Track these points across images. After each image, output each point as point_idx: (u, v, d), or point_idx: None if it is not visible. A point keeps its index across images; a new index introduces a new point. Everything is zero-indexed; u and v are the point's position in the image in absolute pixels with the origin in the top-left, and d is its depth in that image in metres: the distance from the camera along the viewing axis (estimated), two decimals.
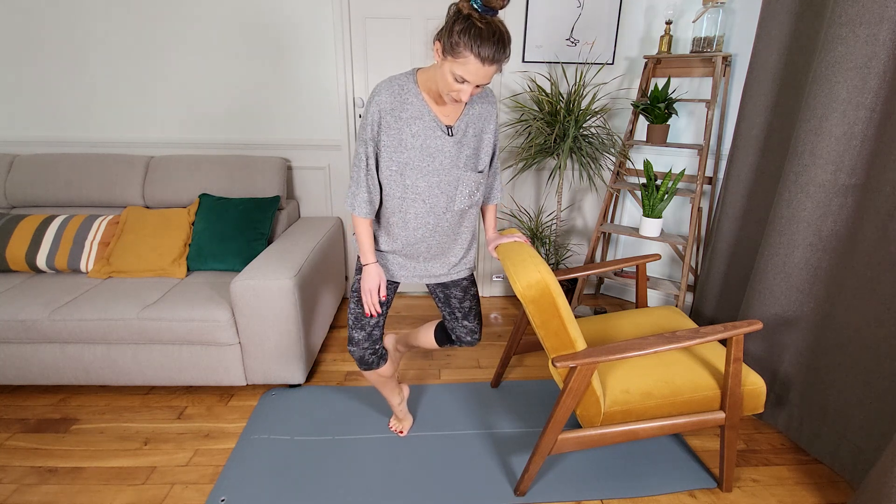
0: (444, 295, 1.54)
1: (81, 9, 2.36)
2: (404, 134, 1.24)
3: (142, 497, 1.52)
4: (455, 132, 1.28)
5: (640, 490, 1.56)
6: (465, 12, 1.05)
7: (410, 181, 1.28)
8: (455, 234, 1.42)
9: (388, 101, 1.22)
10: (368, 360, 1.52)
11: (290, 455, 1.68)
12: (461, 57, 1.06)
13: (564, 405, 1.37)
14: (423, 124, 1.24)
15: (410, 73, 1.26)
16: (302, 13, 2.41)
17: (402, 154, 1.26)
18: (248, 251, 2.18)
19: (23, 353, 1.88)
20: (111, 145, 2.58)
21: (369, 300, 1.37)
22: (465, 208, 1.38)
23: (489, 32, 1.04)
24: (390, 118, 1.23)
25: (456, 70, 1.09)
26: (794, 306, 1.69)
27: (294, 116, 2.59)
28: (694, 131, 2.53)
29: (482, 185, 1.39)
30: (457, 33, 1.05)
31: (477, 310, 1.57)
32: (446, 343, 1.66)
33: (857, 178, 1.49)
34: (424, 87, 1.24)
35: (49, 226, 2.15)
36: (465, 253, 1.48)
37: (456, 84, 1.11)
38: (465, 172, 1.32)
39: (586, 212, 2.91)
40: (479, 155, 1.36)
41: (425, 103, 1.24)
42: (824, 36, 1.51)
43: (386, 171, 1.28)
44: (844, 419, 1.57)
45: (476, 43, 1.04)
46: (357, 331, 1.48)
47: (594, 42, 2.56)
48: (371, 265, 1.37)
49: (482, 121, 1.33)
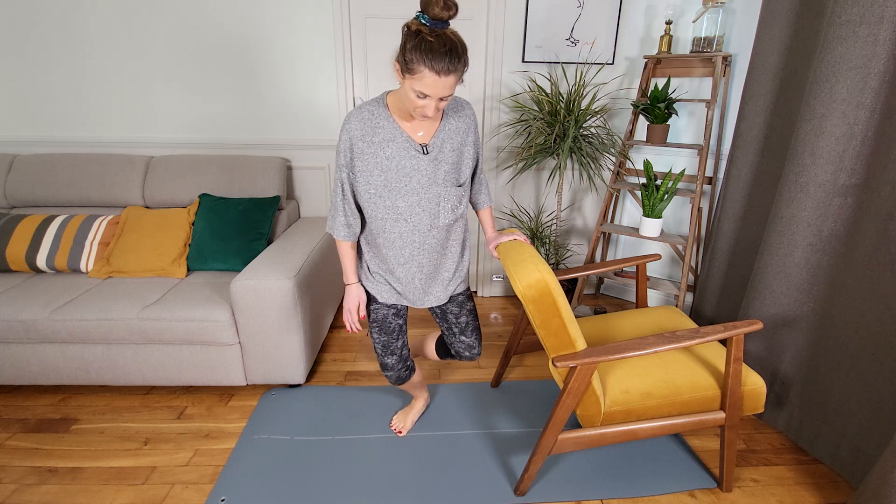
0: (441, 310, 1.54)
1: (82, 9, 2.36)
2: (379, 157, 1.25)
3: (142, 497, 1.52)
4: (430, 149, 1.28)
5: (640, 490, 1.56)
6: (415, 28, 1.07)
7: (390, 202, 1.29)
8: (444, 248, 1.42)
9: (359, 127, 1.24)
10: (404, 376, 1.59)
11: (290, 455, 1.68)
12: (417, 73, 1.08)
13: (564, 405, 1.37)
14: (396, 146, 1.25)
15: (380, 98, 1.27)
16: (302, 13, 2.41)
17: (379, 177, 1.27)
18: (248, 251, 2.18)
19: (23, 353, 1.88)
20: (111, 145, 2.58)
21: (349, 318, 1.43)
22: (451, 222, 1.38)
23: (440, 44, 1.05)
24: (362, 144, 1.24)
25: (415, 86, 1.10)
26: (794, 306, 1.69)
27: (294, 116, 2.59)
28: (694, 131, 2.53)
29: (465, 197, 1.39)
30: (409, 50, 1.06)
31: (475, 325, 1.57)
32: (446, 357, 1.69)
33: (857, 178, 1.49)
34: (395, 109, 1.25)
35: (49, 226, 2.15)
36: (456, 266, 1.47)
37: (419, 100, 1.12)
38: (446, 188, 1.32)
39: (586, 212, 2.91)
40: (459, 169, 1.35)
41: (396, 125, 1.25)
42: (824, 36, 1.51)
43: (365, 194, 1.30)
44: (844, 419, 1.57)
45: (428, 57, 1.05)
46: (388, 357, 1.52)
47: (594, 42, 2.56)
48: (352, 285, 1.42)
49: (461, 134, 1.32)
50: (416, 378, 1.67)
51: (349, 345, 2.41)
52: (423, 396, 1.86)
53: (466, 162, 1.36)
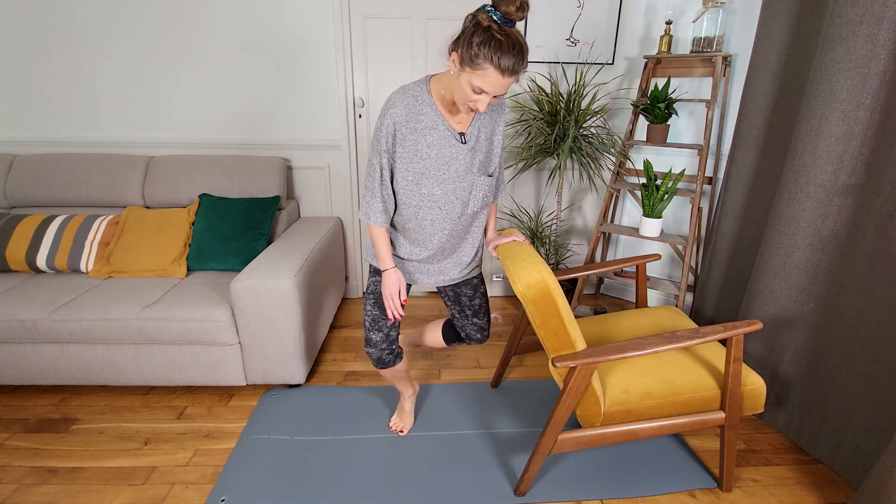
0: (455, 293, 1.55)
1: (82, 9, 2.36)
2: (420, 144, 1.24)
3: (142, 497, 1.52)
4: (468, 139, 1.28)
5: (640, 490, 1.56)
6: (485, 24, 1.04)
7: (427, 190, 1.29)
8: (466, 233, 1.44)
9: (403, 112, 1.21)
10: (386, 359, 1.55)
11: (290, 455, 1.68)
12: (480, 69, 1.06)
13: (564, 405, 1.37)
14: (437, 134, 1.24)
15: (423, 82, 1.25)
16: (302, 13, 2.41)
17: (419, 164, 1.26)
18: (248, 251, 2.18)
19: (23, 353, 1.88)
20: (111, 145, 2.58)
21: (391, 304, 1.38)
22: (478, 210, 1.39)
23: (509, 44, 1.03)
24: (405, 130, 1.23)
25: (475, 81, 1.08)
26: (794, 306, 1.69)
27: (294, 116, 2.59)
28: (694, 131, 2.53)
29: (493, 186, 1.40)
30: (476, 45, 1.04)
31: (486, 307, 1.59)
32: (454, 341, 1.67)
33: (857, 178, 1.49)
34: (437, 96, 1.24)
35: (49, 226, 2.15)
36: (476, 252, 1.49)
37: (474, 95, 1.11)
38: (479, 177, 1.33)
39: (586, 212, 2.91)
40: (490, 158, 1.36)
41: (439, 112, 1.24)
42: (824, 36, 1.50)
43: (402, 181, 1.29)
44: (844, 419, 1.57)
45: (496, 55, 1.03)
46: (374, 332, 1.50)
47: (594, 42, 2.56)
48: (390, 270, 1.38)
49: (492, 122, 1.33)
50: (401, 367, 1.62)
51: (349, 345, 2.41)
52: (408, 392, 1.79)
53: (496, 150, 1.37)
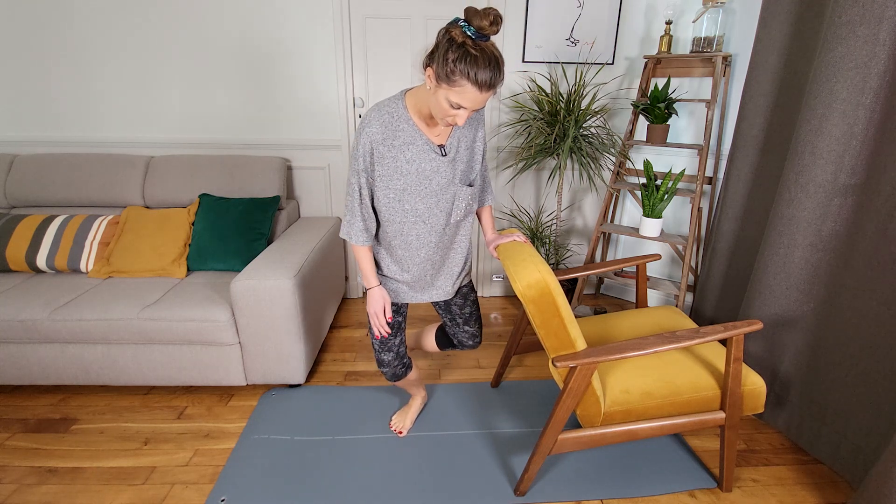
0: (445, 303, 1.55)
1: (82, 9, 2.36)
2: (399, 161, 1.23)
3: (142, 497, 1.52)
4: (448, 151, 1.27)
5: (640, 490, 1.56)
6: (459, 40, 1.03)
7: (409, 206, 1.28)
8: (452, 243, 1.43)
9: (379, 131, 1.20)
10: (400, 373, 1.58)
11: (290, 455, 1.68)
12: (458, 85, 1.04)
13: (564, 405, 1.37)
14: (416, 149, 1.23)
15: (399, 98, 1.24)
16: (302, 13, 2.41)
17: (399, 181, 1.25)
18: (248, 251, 2.18)
19: (23, 353, 1.88)
20: (111, 145, 2.58)
21: (376, 322, 1.39)
22: (461, 219, 1.39)
23: (485, 59, 1.02)
24: (383, 148, 1.22)
25: (452, 98, 1.07)
26: (794, 306, 1.69)
27: (294, 116, 2.59)
28: (694, 131, 2.53)
29: (476, 194, 1.39)
30: (452, 62, 1.02)
31: (477, 314, 1.59)
32: (447, 347, 1.69)
33: (857, 178, 1.49)
34: (414, 111, 1.22)
35: (49, 226, 2.15)
36: (464, 260, 1.49)
37: (452, 110, 1.10)
38: (461, 188, 1.32)
39: (586, 212, 2.91)
40: (472, 167, 1.35)
41: (416, 127, 1.22)
42: (824, 36, 1.51)
43: (384, 198, 1.28)
44: (844, 419, 1.57)
45: (473, 70, 1.02)
46: (385, 353, 1.51)
47: (594, 42, 2.56)
48: (375, 288, 1.38)
49: (472, 131, 1.32)
50: (412, 376, 1.66)
51: (349, 345, 2.41)
52: (420, 395, 1.86)
53: (477, 158, 1.36)
